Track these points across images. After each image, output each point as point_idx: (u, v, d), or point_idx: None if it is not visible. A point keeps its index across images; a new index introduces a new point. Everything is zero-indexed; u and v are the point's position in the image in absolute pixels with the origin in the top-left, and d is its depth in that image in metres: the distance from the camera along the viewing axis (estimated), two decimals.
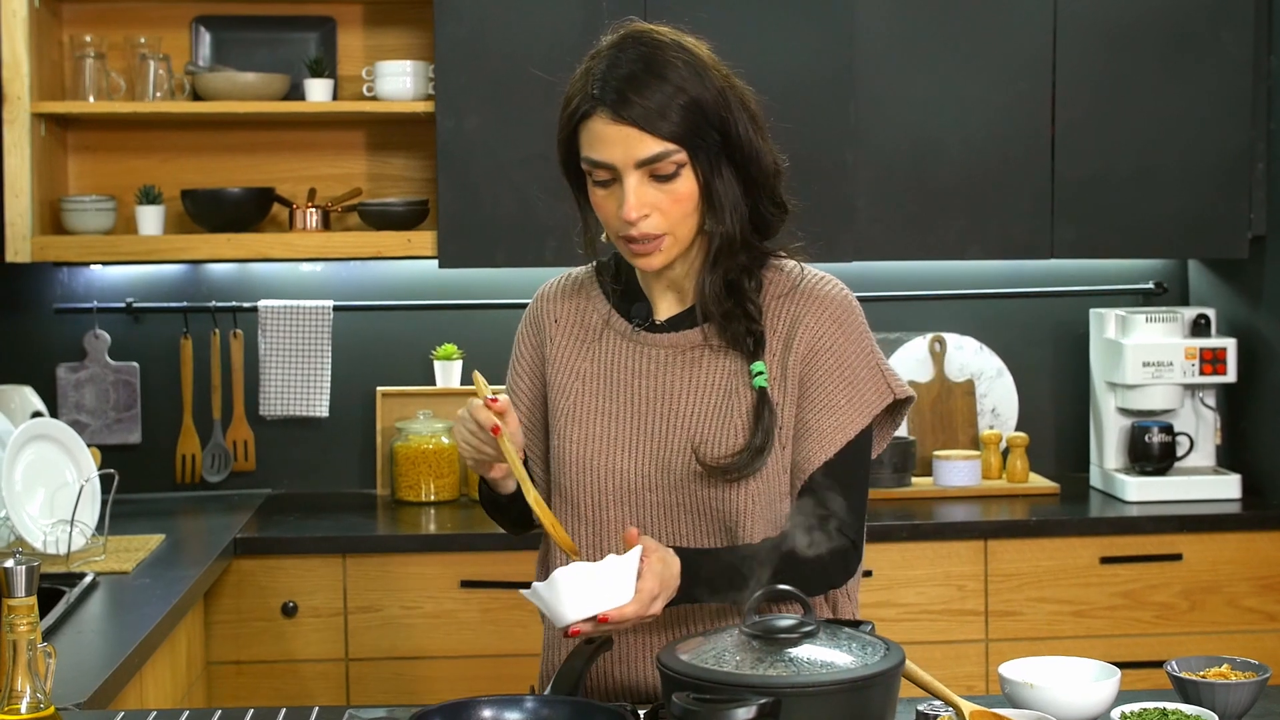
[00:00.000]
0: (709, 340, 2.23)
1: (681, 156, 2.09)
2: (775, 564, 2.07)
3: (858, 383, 2.20)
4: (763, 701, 1.68)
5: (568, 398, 2.27)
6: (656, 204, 2.10)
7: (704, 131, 2.10)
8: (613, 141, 2.09)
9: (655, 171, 2.09)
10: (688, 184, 2.11)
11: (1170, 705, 2.04)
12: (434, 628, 3.82)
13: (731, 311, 2.19)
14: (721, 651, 1.80)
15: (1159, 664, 3.53)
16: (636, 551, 1.98)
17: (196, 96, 4.16)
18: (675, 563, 2.06)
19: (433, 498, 4.20)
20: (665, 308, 2.27)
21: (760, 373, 2.17)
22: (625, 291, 2.30)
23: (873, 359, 2.23)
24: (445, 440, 4.22)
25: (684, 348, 2.23)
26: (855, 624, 1.91)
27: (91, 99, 4.10)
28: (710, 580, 2.08)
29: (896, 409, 2.27)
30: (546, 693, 1.99)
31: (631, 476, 2.22)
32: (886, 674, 1.76)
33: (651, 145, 2.08)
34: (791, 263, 2.27)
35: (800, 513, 2.16)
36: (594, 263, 2.34)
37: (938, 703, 2.09)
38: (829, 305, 2.22)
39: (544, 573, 2.31)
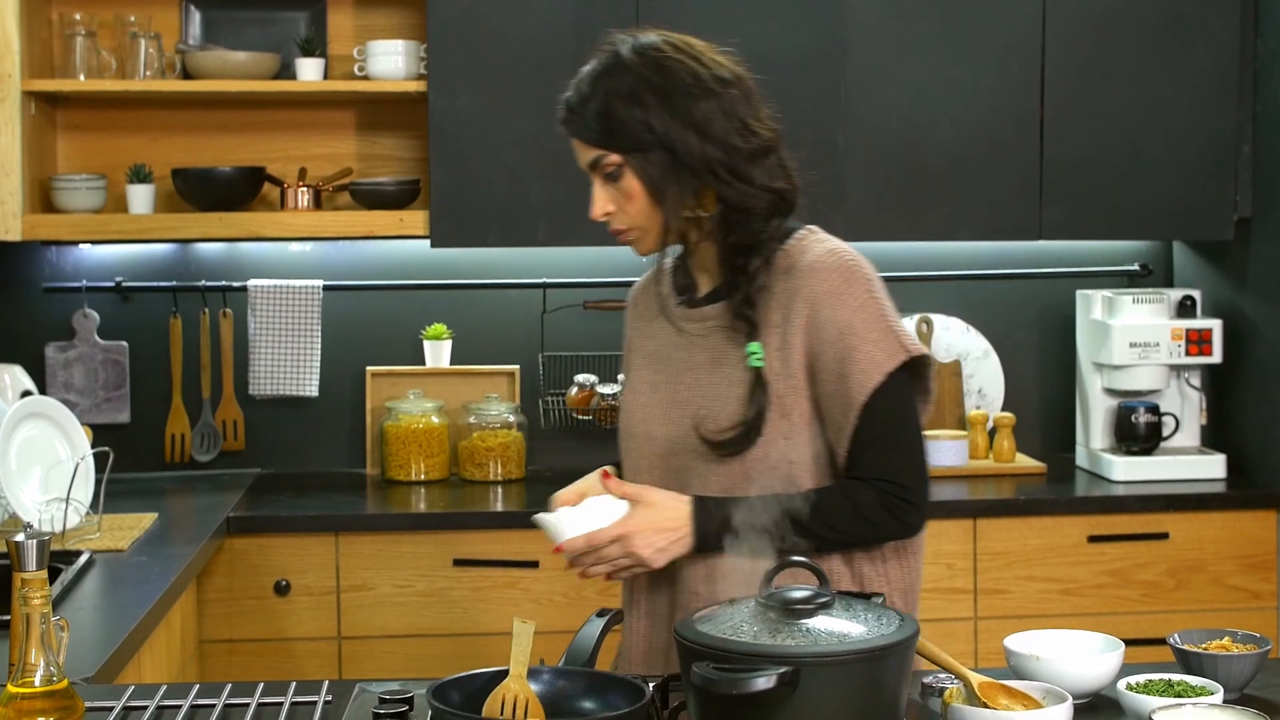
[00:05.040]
0: (723, 318, 2.33)
1: (616, 159, 2.27)
2: (808, 510, 2.20)
3: (866, 345, 2.25)
4: (781, 671, 1.70)
5: (630, 373, 2.48)
6: (615, 202, 2.29)
7: (631, 134, 2.25)
8: (575, 150, 2.33)
9: (603, 173, 2.29)
10: (631, 182, 2.27)
11: (1175, 676, 2.07)
12: (427, 606, 3.83)
13: (735, 293, 2.31)
14: (739, 623, 1.81)
15: (1147, 641, 3.59)
16: (624, 505, 2.26)
17: (187, 75, 4.16)
18: (677, 508, 2.24)
19: (423, 477, 4.21)
20: (704, 286, 2.40)
21: (754, 352, 2.26)
22: (683, 270, 2.45)
23: (882, 321, 2.28)
24: (435, 420, 4.23)
25: (706, 323, 2.35)
26: (866, 596, 1.93)
27: (82, 77, 4.09)
28: (728, 522, 2.19)
29: (918, 372, 2.31)
30: (561, 664, 2.01)
31: (662, 442, 2.36)
32: (902, 644, 1.78)
33: (588, 152, 2.29)
34: (812, 238, 2.35)
35: (846, 472, 2.28)
36: (673, 255, 2.47)
37: (943, 674, 2.12)
38: (826, 276, 2.28)
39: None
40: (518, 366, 4.38)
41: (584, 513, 2.27)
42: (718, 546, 2.22)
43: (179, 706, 2.13)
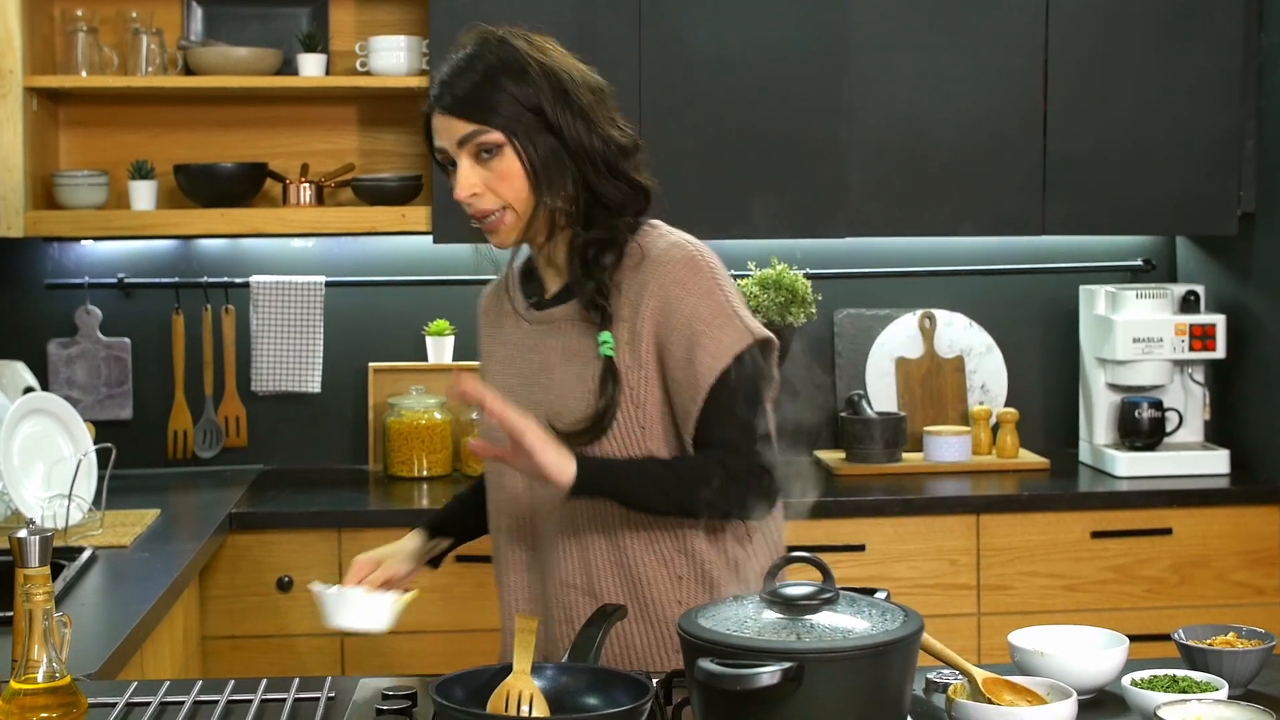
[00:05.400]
0: (573, 314, 2.36)
1: (496, 136, 2.26)
2: (677, 476, 2.25)
3: (713, 331, 2.28)
4: (785, 667, 1.70)
5: (484, 379, 2.48)
6: (486, 182, 2.29)
7: (515, 113, 2.27)
8: (441, 130, 2.30)
9: (478, 150, 2.27)
10: (510, 162, 2.27)
11: (1180, 672, 2.07)
12: (429, 602, 3.81)
13: (586, 286, 2.33)
14: (743, 619, 1.81)
15: (1150, 637, 3.59)
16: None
17: (189, 71, 4.16)
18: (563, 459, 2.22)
19: (425, 473, 4.21)
20: (552, 286, 2.41)
21: (605, 342, 2.30)
22: (527, 275, 2.47)
23: (727, 307, 2.31)
24: (438, 416, 4.22)
25: (559, 321, 2.38)
26: (870, 591, 1.93)
27: (84, 73, 4.08)
28: (605, 475, 2.25)
29: (766, 355, 2.34)
30: (564, 660, 2.01)
31: None
32: (906, 640, 1.77)
33: (464, 126, 2.27)
34: (655, 232, 2.38)
35: (696, 447, 2.30)
36: (519, 260, 2.50)
37: (947, 670, 2.11)
38: (672, 268, 2.31)
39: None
40: None
41: (358, 602, 2.39)
42: (591, 489, 2.23)
43: (182, 703, 2.12)
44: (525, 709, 1.90)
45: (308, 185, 4.18)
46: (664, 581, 2.32)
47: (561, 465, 2.19)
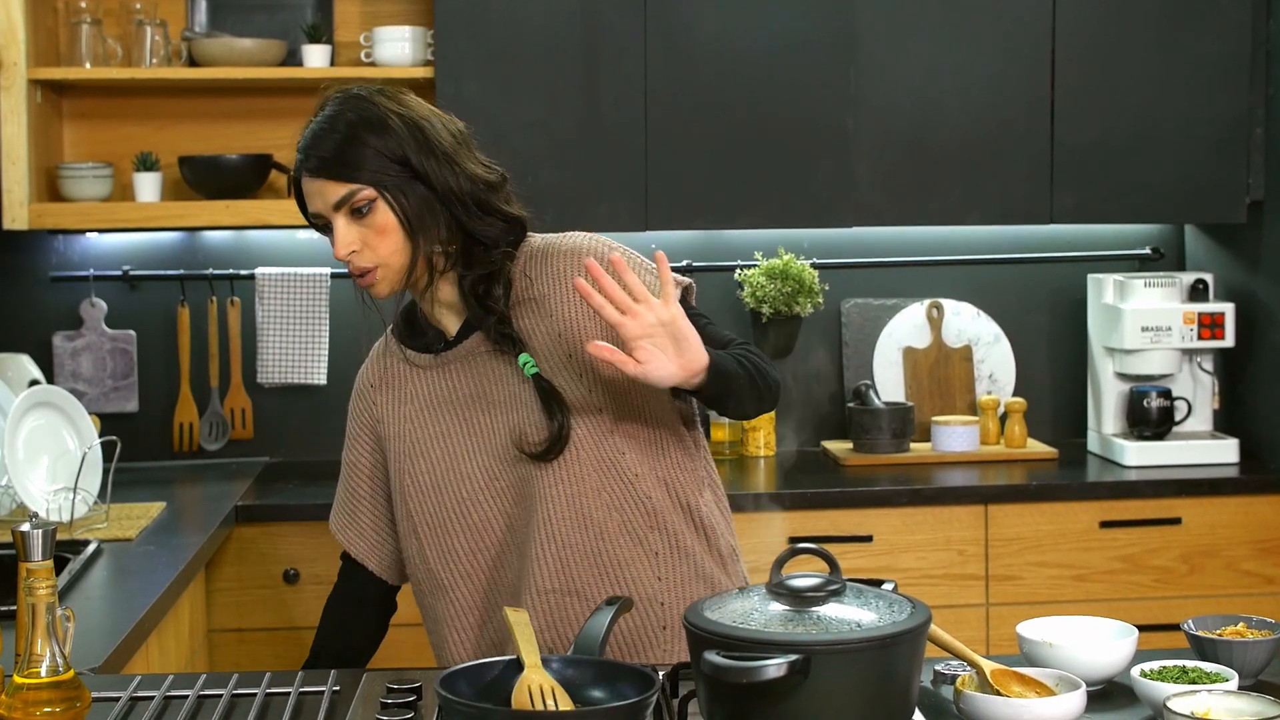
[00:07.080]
0: (487, 344, 2.40)
1: (368, 193, 2.28)
2: (747, 358, 2.30)
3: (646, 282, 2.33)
4: (792, 659, 1.69)
5: (402, 440, 2.47)
6: (363, 239, 2.30)
7: (381, 166, 2.29)
8: (314, 194, 2.32)
9: (353, 209, 2.29)
10: (384, 216, 2.29)
11: (1189, 663, 2.05)
12: None
13: (488, 322, 2.37)
14: (749, 611, 1.80)
15: (1159, 627, 3.58)
16: None
17: (193, 63, 4.15)
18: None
19: None
20: (453, 325, 2.43)
21: (526, 363, 2.34)
22: (417, 330, 2.48)
23: (646, 264, 2.38)
24: None
25: (478, 354, 2.41)
26: (878, 583, 1.91)
27: (88, 65, 4.08)
28: (715, 354, 2.24)
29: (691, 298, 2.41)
30: (569, 654, 2.00)
31: (481, 477, 2.40)
32: (914, 632, 1.76)
33: (338, 189, 2.29)
34: (533, 241, 2.41)
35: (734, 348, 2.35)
36: (389, 327, 2.52)
37: (955, 662, 2.11)
38: (573, 257, 2.35)
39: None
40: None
41: None
42: (716, 368, 2.22)
43: (185, 697, 2.11)
44: (550, 703, 1.88)
45: None
46: (641, 560, 2.36)
47: (701, 348, 2.19)
